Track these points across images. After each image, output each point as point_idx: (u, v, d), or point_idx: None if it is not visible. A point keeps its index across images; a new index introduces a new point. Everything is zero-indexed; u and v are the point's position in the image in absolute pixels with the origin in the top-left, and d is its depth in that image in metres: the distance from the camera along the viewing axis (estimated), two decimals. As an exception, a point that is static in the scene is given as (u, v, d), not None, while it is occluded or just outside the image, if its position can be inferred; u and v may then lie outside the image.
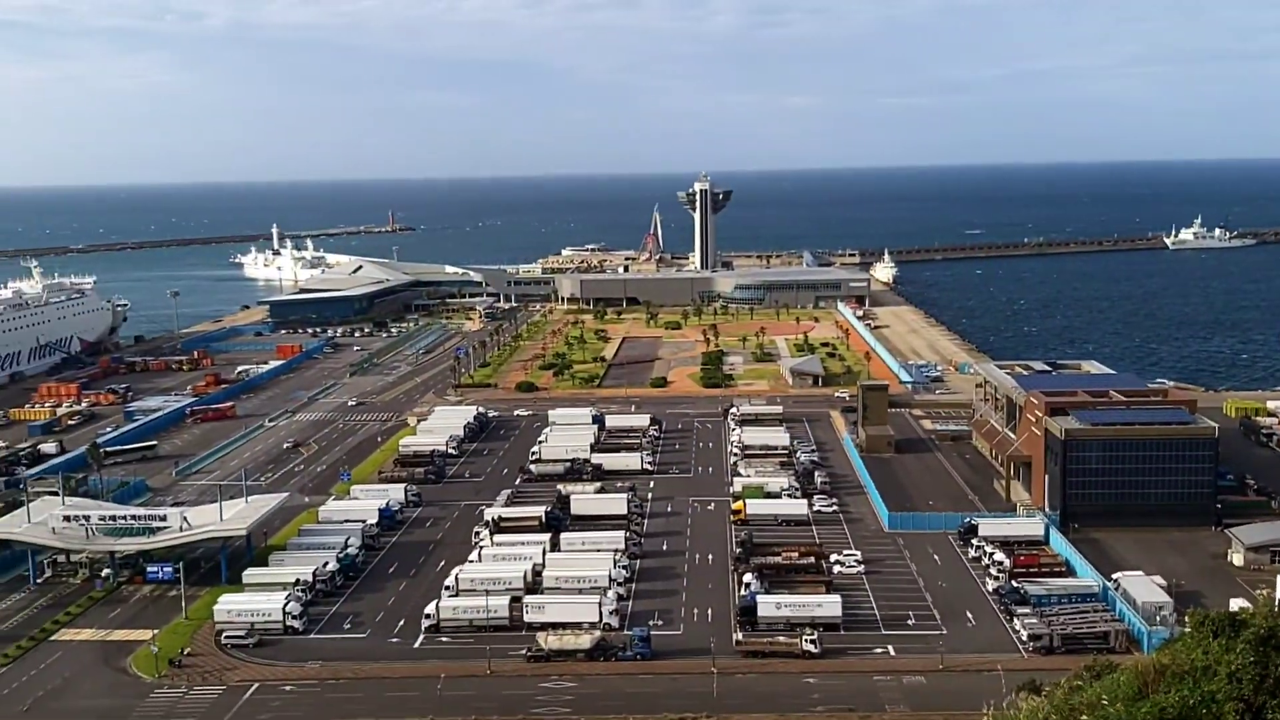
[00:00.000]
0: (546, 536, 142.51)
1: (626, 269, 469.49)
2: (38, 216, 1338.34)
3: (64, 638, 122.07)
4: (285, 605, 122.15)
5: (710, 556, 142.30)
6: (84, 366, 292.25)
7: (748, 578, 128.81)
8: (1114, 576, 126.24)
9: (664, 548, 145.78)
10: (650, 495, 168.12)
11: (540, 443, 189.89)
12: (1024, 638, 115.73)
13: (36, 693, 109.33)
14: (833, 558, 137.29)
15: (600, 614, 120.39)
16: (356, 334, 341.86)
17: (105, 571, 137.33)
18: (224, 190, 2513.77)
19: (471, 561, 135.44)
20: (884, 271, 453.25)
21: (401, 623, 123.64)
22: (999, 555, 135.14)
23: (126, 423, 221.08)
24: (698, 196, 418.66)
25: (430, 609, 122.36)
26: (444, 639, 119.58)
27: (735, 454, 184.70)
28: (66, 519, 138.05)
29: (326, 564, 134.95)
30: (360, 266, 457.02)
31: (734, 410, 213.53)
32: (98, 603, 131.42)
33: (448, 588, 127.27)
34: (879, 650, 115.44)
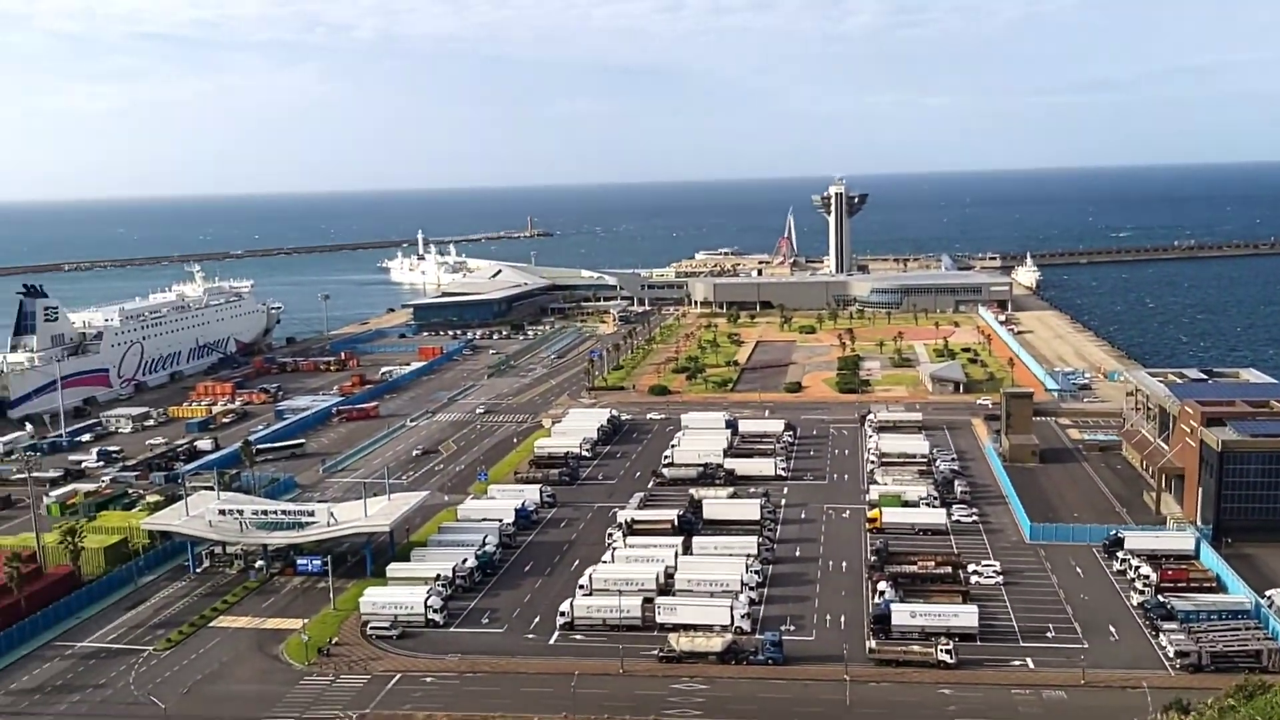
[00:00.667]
0: (679, 539, 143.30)
1: (760, 273, 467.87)
2: (198, 224, 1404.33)
3: (221, 625, 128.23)
4: (427, 599, 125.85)
5: (844, 564, 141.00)
6: (239, 366, 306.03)
7: (882, 585, 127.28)
8: (1268, 593, 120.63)
9: (797, 554, 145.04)
10: (784, 501, 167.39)
11: (673, 446, 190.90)
12: (1170, 654, 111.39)
13: (195, 676, 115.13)
14: (970, 568, 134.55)
15: (732, 617, 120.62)
16: (495, 336, 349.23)
17: (258, 563, 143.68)
18: (371, 197, 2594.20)
19: (605, 562, 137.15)
20: (1026, 275, 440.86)
21: (537, 619, 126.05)
22: (1145, 569, 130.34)
23: (277, 421, 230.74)
24: (833, 199, 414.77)
25: (565, 607, 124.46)
26: (578, 637, 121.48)
27: (872, 461, 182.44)
28: (222, 513, 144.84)
29: (465, 560, 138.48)
30: (499, 271, 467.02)
31: (871, 416, 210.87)
32: (252, 592, 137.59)
33: (582, 587, 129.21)
34: (1017, 663, 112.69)
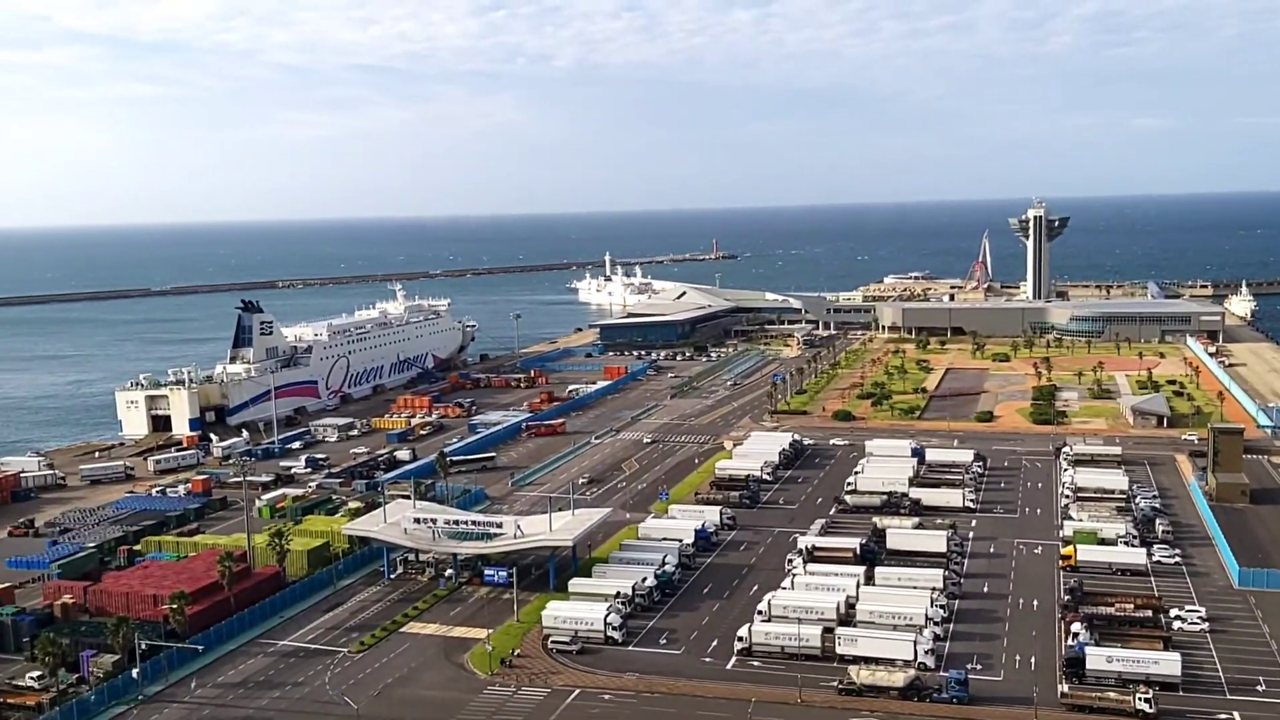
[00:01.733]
0: (861, 569, 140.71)
1: (952, 297, 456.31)
2: (399, 245, 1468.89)
3: (411, 630, 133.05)
4: (606, 616, 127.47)
5: (1035, 602, 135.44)
6: (436, 381, 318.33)
7: (1076, 627, 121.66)
8: None
9: (985, 589, 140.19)
10: (972, 534, 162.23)
11: (856, 473, 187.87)
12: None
13: (386, 679, 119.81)
14: (1172, 612, 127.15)
15: (915, 652, 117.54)
16: (678, 358, 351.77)
17: (448, 572, 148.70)
18: (561, 220, 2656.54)
19: (784, 589, 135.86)
20: (1240, 305, 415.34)
21: (715, 643, 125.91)
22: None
23: (470, 435, 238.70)
24: (1031, 223, 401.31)
25: (743, 632, 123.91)
26: (755, 663, 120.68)
27: (1067, 496, 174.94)
28: (417, 521, 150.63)
29: (645, 579, 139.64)
30: (684, 292, 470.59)
31: (1067, 449, 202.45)
32: (441, 600, 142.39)
33: (760, 613, 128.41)
34: (1222, 716, 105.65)
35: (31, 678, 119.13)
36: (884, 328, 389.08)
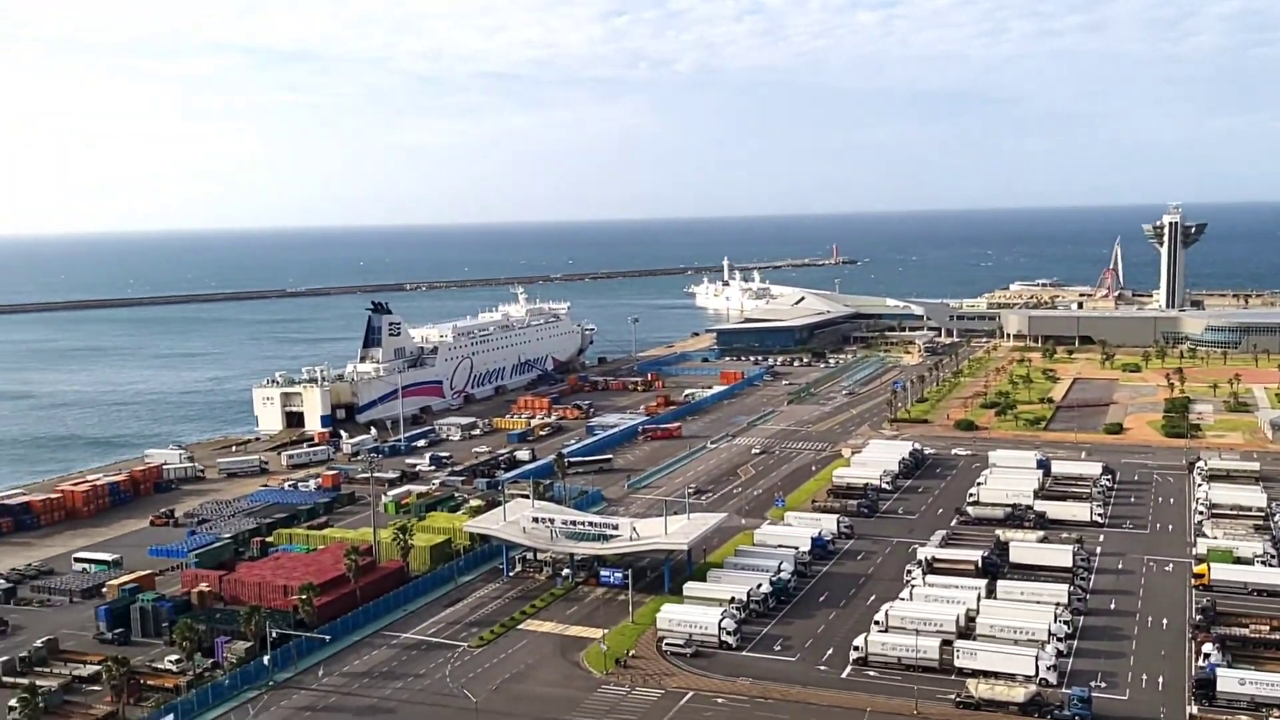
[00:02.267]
0: (982, 582, 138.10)
1: (1080, 305, 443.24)
2: (520, 249, 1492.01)
3: (528, 628, 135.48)
4: (721, 620, 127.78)
5: (1165, 621, 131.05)
6: (555, 383, 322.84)
7: (1208, 648, 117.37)
8: None
9: (1111, 606, 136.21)
10: (1099, 549, 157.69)
11: (979, 484, 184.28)
12: None
13: (504, 675, 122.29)
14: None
15: (1037, 667, 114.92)
16: (795, 363, 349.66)
17: (565, 571, 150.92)
18: (679, 224, 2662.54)
19: (902, 599, 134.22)
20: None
21: (830, 651, 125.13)
22: None
23: (587, 436, 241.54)
24: (1166, 229, 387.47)
25: (859, 641, 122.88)
26: (871, 673, 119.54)
27: (1200, 512, 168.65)
28: (535, 520, 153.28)
29: (760, 585, 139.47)
30: (803, 298, 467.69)
31: (1201, 464, 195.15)
32: (558, 599, 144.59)
33: (877, 623, 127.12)
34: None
35: (170, 661, 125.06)
36: (1009, 335, 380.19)
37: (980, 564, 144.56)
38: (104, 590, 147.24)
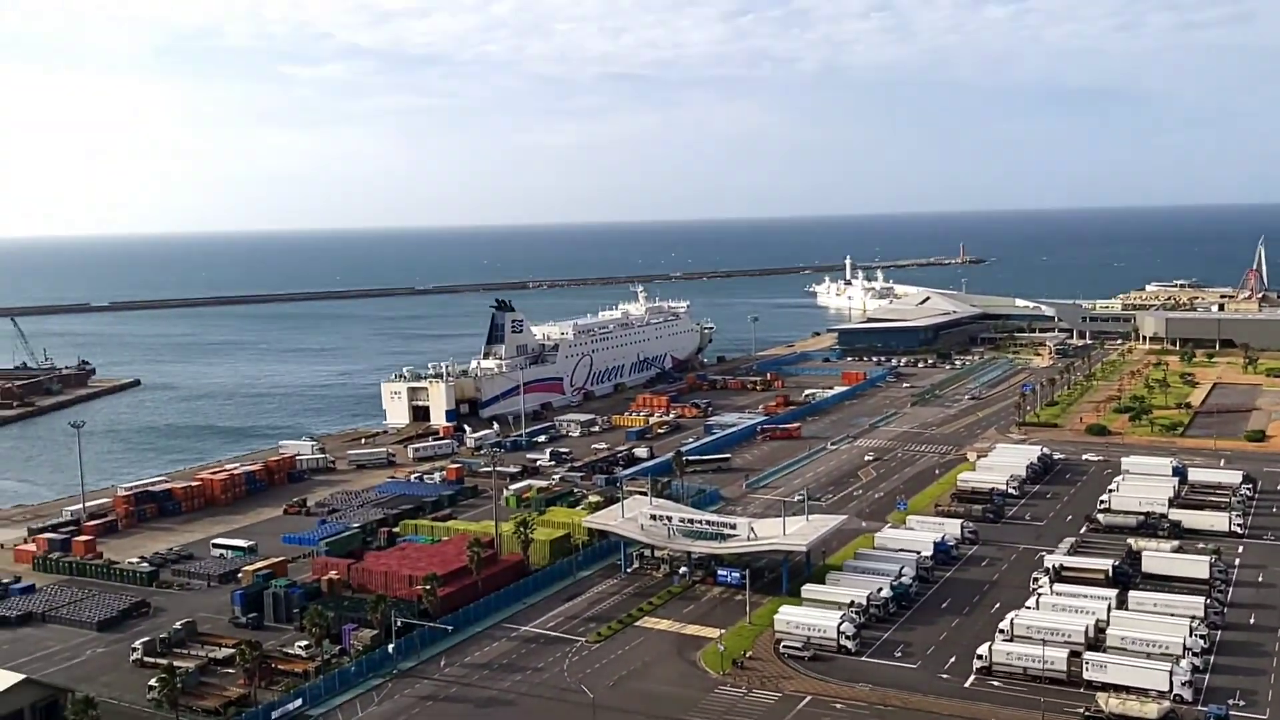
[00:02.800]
0: (1113, 592, 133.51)
1: (1221, 307, 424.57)
2: (638, 248, 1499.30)
3: (645, 625, 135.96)
4: (840, 624, 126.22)
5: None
6: (673, 381, 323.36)
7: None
8: None
9: (1251, 621, 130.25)
10: (1238, 561, 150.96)
11: (1110, 491, 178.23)
12: None
13: (620, 672, 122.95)
14: None
15: (1171, 683, 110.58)
16: (920, 364, 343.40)
17: (682, 569, 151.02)
18: (802, 223, 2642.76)
19: (1028, 608, 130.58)
20: None
21: (952, 659, 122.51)
22: None
23: (706, 435, 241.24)
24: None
25: (983, 650, 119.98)
26: (995, 683, 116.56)
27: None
28: (653, 518, 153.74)
29: (880, 590, 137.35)
30: (928, 298, 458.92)
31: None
32: (675, 597, 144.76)
33: (1002, 631, 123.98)
34: None
35: (300, 646, 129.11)
36: (1145, 338, 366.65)
37: (1111, 573, 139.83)
38: (239, 575, 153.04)
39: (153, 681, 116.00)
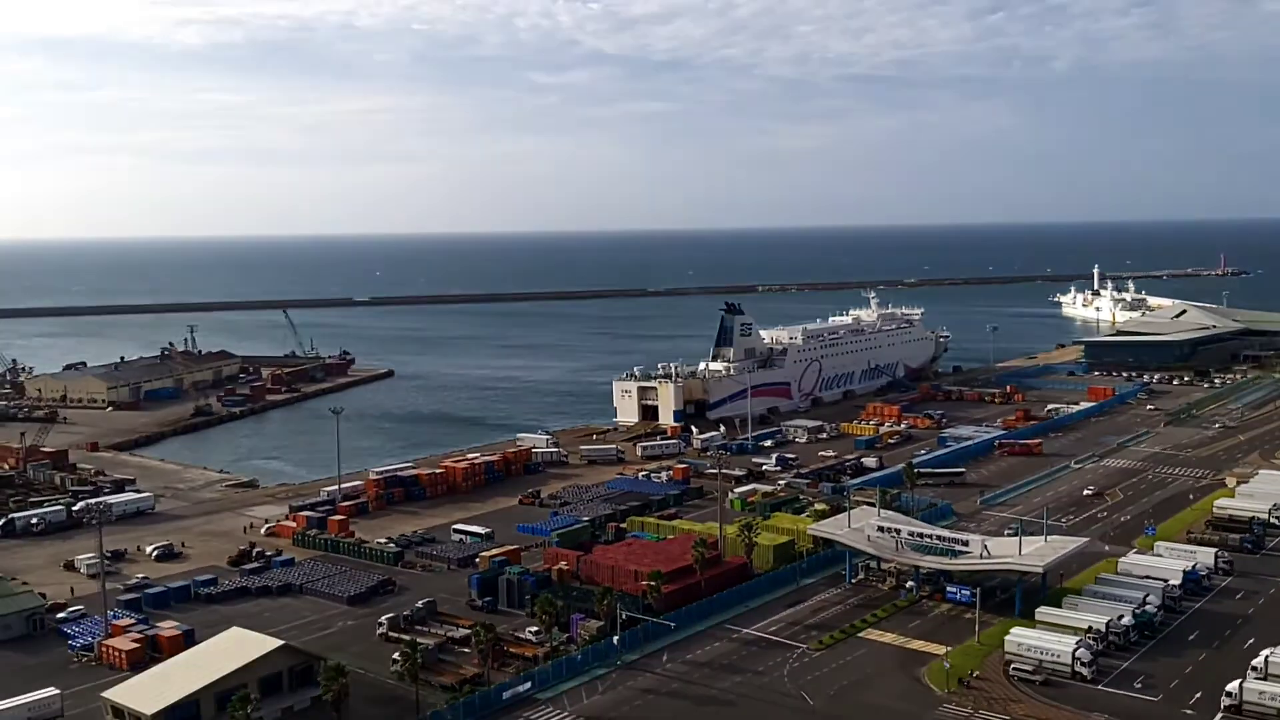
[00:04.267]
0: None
1: None
2: (872, 252, 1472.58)
3: (869, 636, 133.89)
4: (1075, 650, 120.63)
5: None
6: (906, 391, 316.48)
7: None
8: None
9: None
10: None
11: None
12: None
13: (842, 681, 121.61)
14: None
15: None
16: (1175, 382, 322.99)
17: (910, 583, 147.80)
18: (1048, 230, 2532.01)
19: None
20: None
21: (1198, 695, 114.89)
22: None
23: (939, 447, 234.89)
24: None
25: (1232, 687, 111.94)
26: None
27: None
28: (881, 529, 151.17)
29: (1121, 617, 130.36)
30: (1184, 311, 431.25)
31: None
32: (901, 611, 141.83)
33: (1255, 669, 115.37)
34: None
35: (530, 632, 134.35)
36: None
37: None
38: (477, 560, 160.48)
39: (396, 655, 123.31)
